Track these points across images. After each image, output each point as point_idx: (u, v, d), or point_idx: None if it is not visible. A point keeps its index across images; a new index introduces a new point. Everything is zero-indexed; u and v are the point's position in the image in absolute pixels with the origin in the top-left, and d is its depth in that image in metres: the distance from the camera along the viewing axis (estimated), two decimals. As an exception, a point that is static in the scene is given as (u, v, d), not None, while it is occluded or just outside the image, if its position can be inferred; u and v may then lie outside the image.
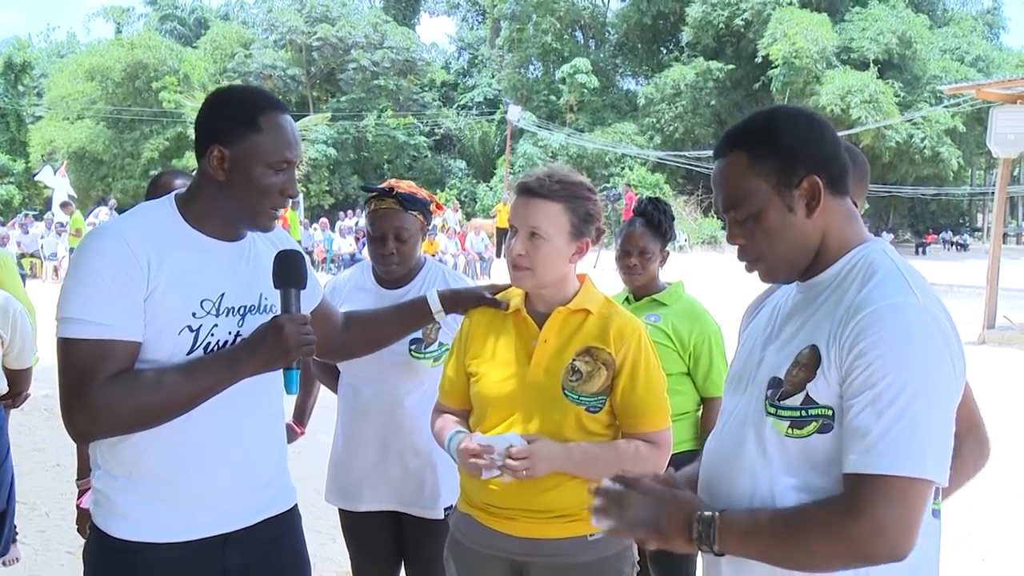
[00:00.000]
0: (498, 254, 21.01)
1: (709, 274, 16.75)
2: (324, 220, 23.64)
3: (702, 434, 2.80)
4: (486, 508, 1.99)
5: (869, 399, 1.24)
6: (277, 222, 1.82)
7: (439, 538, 2.19)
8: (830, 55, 33.36)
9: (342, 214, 25.78)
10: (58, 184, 22.06)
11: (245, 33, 41.82)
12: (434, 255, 15.60)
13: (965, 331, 9.75)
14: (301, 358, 1.73)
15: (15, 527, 3.54)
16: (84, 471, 2.68)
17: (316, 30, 37.58)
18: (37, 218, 22.14)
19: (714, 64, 35.41)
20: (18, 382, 3.01)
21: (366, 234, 2.51)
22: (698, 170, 32.28)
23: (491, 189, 34.64)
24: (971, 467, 1.76)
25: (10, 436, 3.09)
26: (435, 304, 2.17)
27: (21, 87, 40.27)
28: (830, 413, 1.30)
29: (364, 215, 2.54)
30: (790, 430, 1.34)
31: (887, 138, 32.63)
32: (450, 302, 2.17)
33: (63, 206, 19.75)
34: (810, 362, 1.32)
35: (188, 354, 1.69)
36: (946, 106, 31.37)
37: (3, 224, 22.71)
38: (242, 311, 1.77)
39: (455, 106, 40.74)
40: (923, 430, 1.22)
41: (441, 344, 2.45)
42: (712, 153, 1.47)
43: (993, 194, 18.20)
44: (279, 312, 1.72)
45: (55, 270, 18.32)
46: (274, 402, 1.86)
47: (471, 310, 2.13)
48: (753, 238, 1.41)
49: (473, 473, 1.88)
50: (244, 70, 37.40)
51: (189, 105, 30.50)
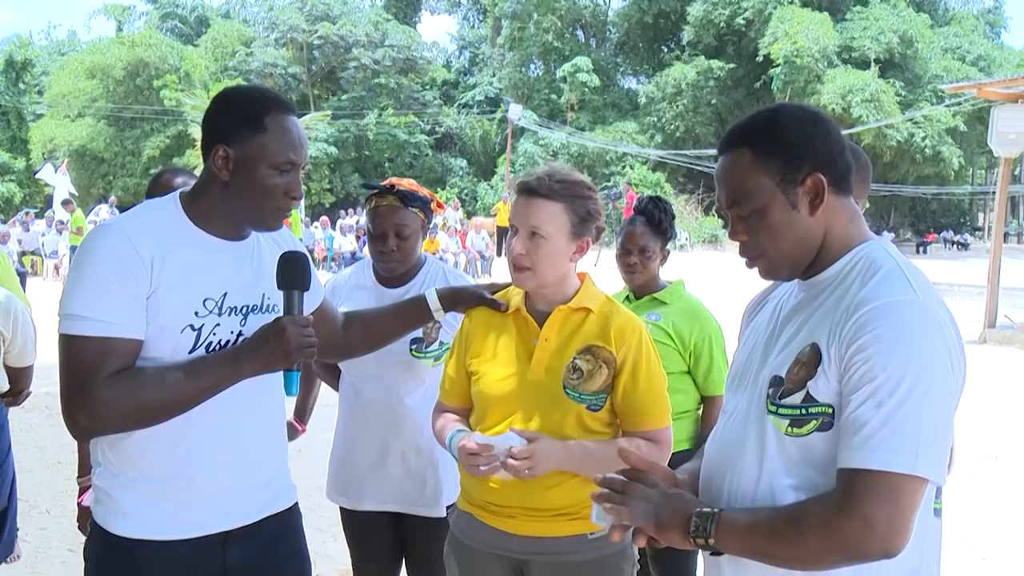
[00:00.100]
0: (499, 253, 21.01)
1: (710, 273, 16.73)
2: (325, 218, 23.63)
3: (703, 433, 2.80)
4: (486, 506, 1.99)
5: (866, 395, 1.24)
6: (283, 223, 1.82)
7: (441, 537, 2.19)
8: (831, 54, 33.29)
9: (343, 212, 25.76)
10: (59, 182, 22.11)
11: (246, 31, 41.79)
12: (435, 253, 15.60)
13: (966, 330, 9.75)
14: (302, 360, 1.73)
15: (17, 525, 3.53)
16: (85, 468, 2.68)
17: (317, 28, 37.54)
18: (38, 216, 22.14)
19: (715, 63, 35.34)
20: (19, 380, 3.01)
21: (367, 232, 2.51)
22: (699, 169, 32.28)
23: (492, 188, 34.60)
24: None
25: (11, 434, 3.09)
26: (434, 303, 2.16)
27: (22, 85, 40.26)
28: (830, 411, 1.30)
29: (365, 213, 2.53)
30: (790, 429, 1.33)
31: (888, 137, 32.58)
32: (449, 301, 2.17)
33: (64, 204, 19.79)
34: (811, 360, 1.32)
35: (190, 353, 1.69)
36: (947, 105, 31.34)
37: (4, 222, 22.73)
38: (245, 311, 1.77)
39: (456, 104, 40.67)
40: (917, 427, 1.22)
41: (442, 343, 2.45)
42: (716, 149, 1.47)
43: (994, 193, 18.22)
44: (281, 312, 1.72)
45: (56, 268, 18.34)
46: (275, 400, 1.85)
47: (471, 309, 2.13)
48: (755, 235, 1.40)
49: (474, 472, 1.88)
50: (245, 68, 37.38)
51: (190, 103, 30.46)
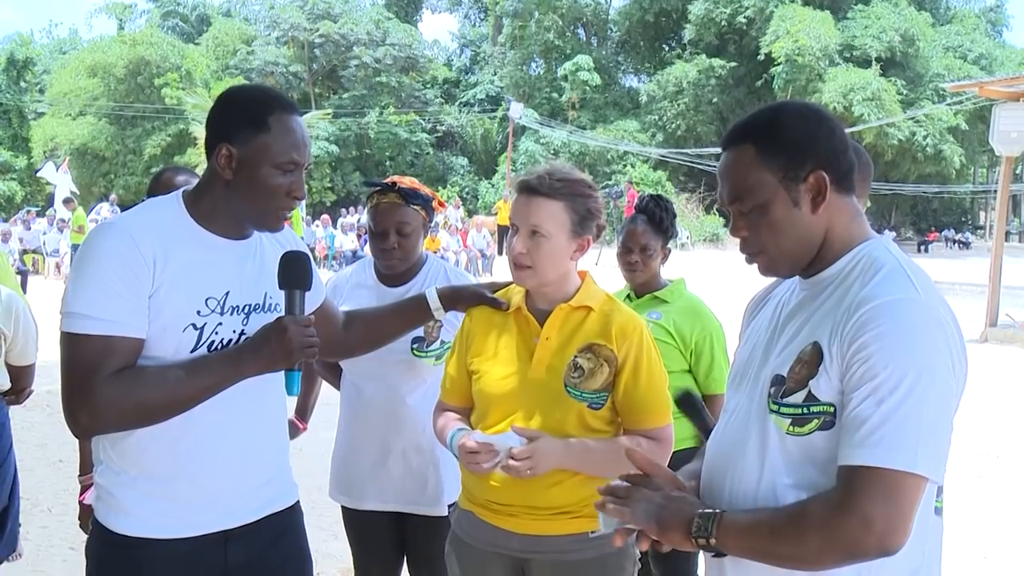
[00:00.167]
0: (499, 251, 21.00)
1: (711, 271, 16.71)
2: (326, 217, 23.64)
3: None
4: (487, 505, 1.99)
5: (867, 392, 1.23)
6: (285, 222, 1.82)
7: (442, 535, 2.18)
8: (833, 53, 33.27)
9: (344, 211, 25.78)
10: (60, 180, 22.13)
11: (247, 30, 41.81)
12: (436, 252, 15.60)
13: (967, 329, 9.76)
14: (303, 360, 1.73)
15: (19, 523, 3.54)
16: (86, 467, 2.68)
17: (318, 27, 37.54)
18: (39, 214, 22.18)
19: (716, 61, 35.31)
20: (21, 378, 3.01)
21: (368, 229, 2.51)
22: (700, 167, 32.25)
23: (493, 186, 34.59)
24: None
25: (13, 432, 3.09)
26: (434, 301, 2.16)
27: (23, 83, 40.29)
28: (832, 410, 1.29)
29: (366, 211, 2.53)
30: (792, 428, 1.33)
31: (889, 136, 32.57)
32: (449, 300, 2.16)
33: (65, 202, 19.81)
34: (812, 359, 1.32)
35: (192, 352, 1.69)
36: (949, 104, 31.30)
37: (5, 220, 22.75)
38: (247, 310, 1.77)
39: (457, 103, 40.66)
40: (917, 425, 1.21)
41: (443, 342, 2.45)
42: (719, 145, 1.47)
43: (995, 192, 18.18)
44: (283, 312, 1.72)
45: (57, 266, 18.36)
46: (276, 399, 1.85)
47: (472, 308, 2.12)
48: (757, 231, 1.40)
49: (475, 470, 1.88)
50: (246, 67, 37.39)
51: (191, 102, 30.44)
